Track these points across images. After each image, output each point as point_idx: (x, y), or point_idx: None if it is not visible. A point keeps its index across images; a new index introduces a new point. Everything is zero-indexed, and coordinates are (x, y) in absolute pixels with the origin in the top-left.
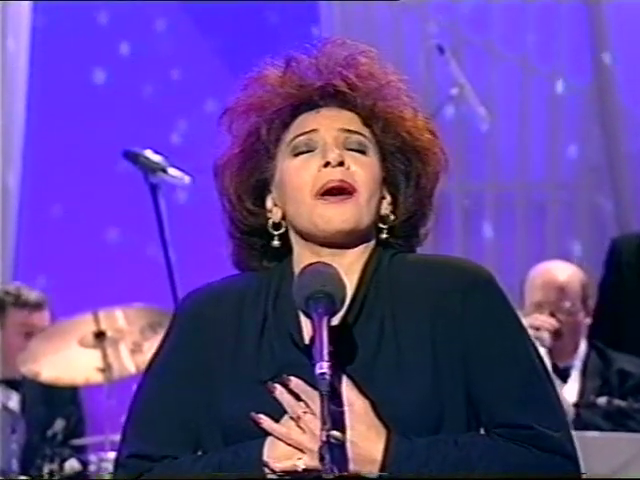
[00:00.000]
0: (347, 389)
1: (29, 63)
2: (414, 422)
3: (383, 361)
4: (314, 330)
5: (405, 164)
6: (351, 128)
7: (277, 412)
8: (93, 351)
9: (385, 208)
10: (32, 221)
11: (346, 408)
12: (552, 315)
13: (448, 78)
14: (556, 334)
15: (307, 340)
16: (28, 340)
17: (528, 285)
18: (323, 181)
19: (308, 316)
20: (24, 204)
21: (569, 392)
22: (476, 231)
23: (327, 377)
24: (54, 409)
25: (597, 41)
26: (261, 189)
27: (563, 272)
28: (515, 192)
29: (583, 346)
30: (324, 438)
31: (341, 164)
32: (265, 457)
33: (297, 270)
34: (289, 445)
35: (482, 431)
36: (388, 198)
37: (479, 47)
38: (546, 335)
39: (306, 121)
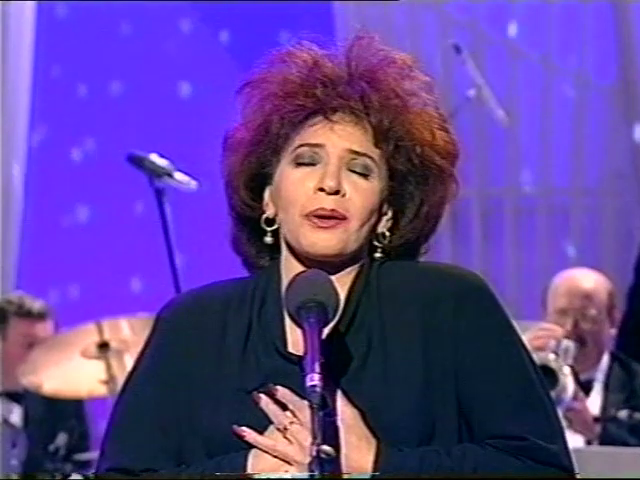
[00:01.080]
0: (336, 398)
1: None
2: (402, 432)
3: (370, 371)
4: (305, 340)
5: (412, 187)
6: (359, 150)
7: (262, 423)
8: (96, 362)
9: (383, 226)
10: (35, 228)
11: (336, 418)
12: (576, 323)
13: (466, 79)
14: (580, 342)
15: (291, 347)
16: (31, 351)
17: (551, 292)
18: (314, 206)
19: (299, 326)
20: (28, 211)
21: (591, 405)
22: (496, 238)
23: (318, 390)
24: (57, 423)
25: (623, 40)
26: (261, 181)
27: (588, 279)
28: (537, 198)
29: (606, 358)
30: (314, 453)
31: (337, 192)
32: (249, 470)
33: (285, 275)
34: (275, 457)
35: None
36: (389, 214)
37: (499, 46)
38: (569, 343)
39: (316, 131)
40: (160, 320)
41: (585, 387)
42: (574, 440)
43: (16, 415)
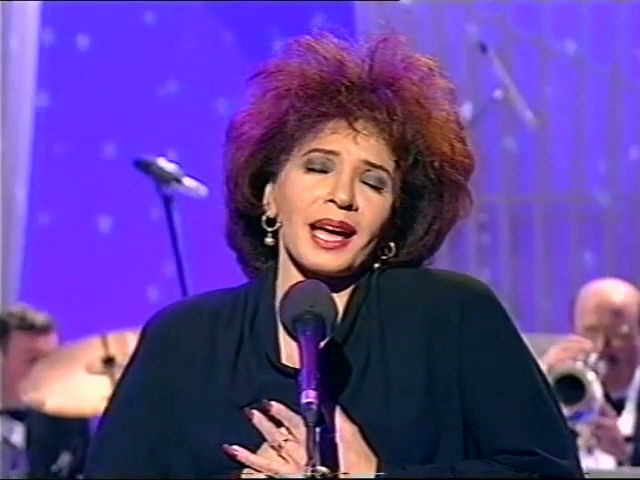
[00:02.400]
0: (334, 414)
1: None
2: (403, 448)
3: (369, 384)
4: (301, 355)
5: (426, 202)
6: (375, 162)
7: (256, 440)
8: (102, 378)
9: (390, 238)
10: (38, 237)
11: (334, 435)
12: (607, 341)
13: (493, 79)
14: (612, 361)
15: (285, 360)
16: (33, 366)
17: (579, 307)
18: (321, 216)
19: (295, 339)
20: (31, 220)
21: (623, 425)
22: (525, 246)
23: (314, 407)
24: (60, 442)
25: None
26: (264, 178)
27: (618, 293)
28: (569, 204)
29: (639, 375)
30: (309, 474)
31: (349, 207)
32: None
33: (282, 282)
34: (269, 477)
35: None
36: (398, 223)
37: (529, 44)
38: (598, 360)
39: (334, 137)
40: (146, 333)
41: (617, 406)
42: (604, 461)
43: (18, 434)
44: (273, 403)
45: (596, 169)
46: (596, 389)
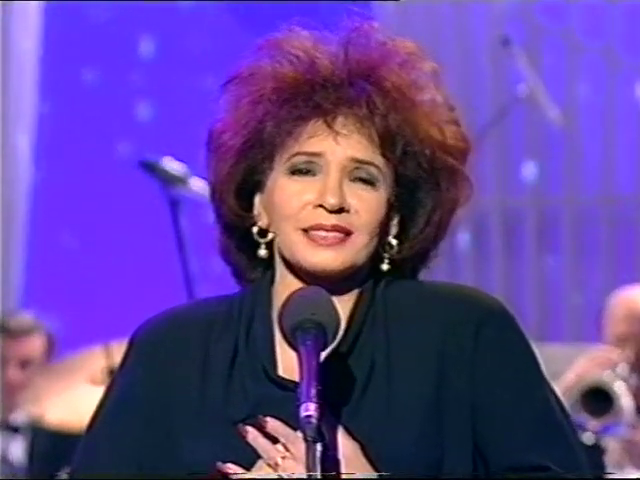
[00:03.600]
0: (334, 429)
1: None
2: (405, 465)
3: (372, 399)
4: (300, 365)
5: (423, 193)
6: (363, 158)
7: (251, 458)
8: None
9: (390, 234)
10: (41, 246)
11: (334, 451)
12: (638, 352)
13: (518, 75)
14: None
15: (282, 372)
16: (16, 372)
17: (608, 315)
18: (313, 222)
19: (295, 349)
20: (34, 229)
21: None
22: (552, 251)
23: (314, 420)
24: (61, 457)
25: None
26: (251, 188)
27: None
28: (598, 207)
29: None
30: None
31: (339, 210)
32: None
33: (281, 291)
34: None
35: None
36: (395, 220)
37: (556, 37)
38: (620, 369)
39: (313, 138)
40: (134, 343)
41: None
42: (634, 476)
43: (17, 449)
44: (269, 419)
45: (627, 170)
46: (625, 401)
